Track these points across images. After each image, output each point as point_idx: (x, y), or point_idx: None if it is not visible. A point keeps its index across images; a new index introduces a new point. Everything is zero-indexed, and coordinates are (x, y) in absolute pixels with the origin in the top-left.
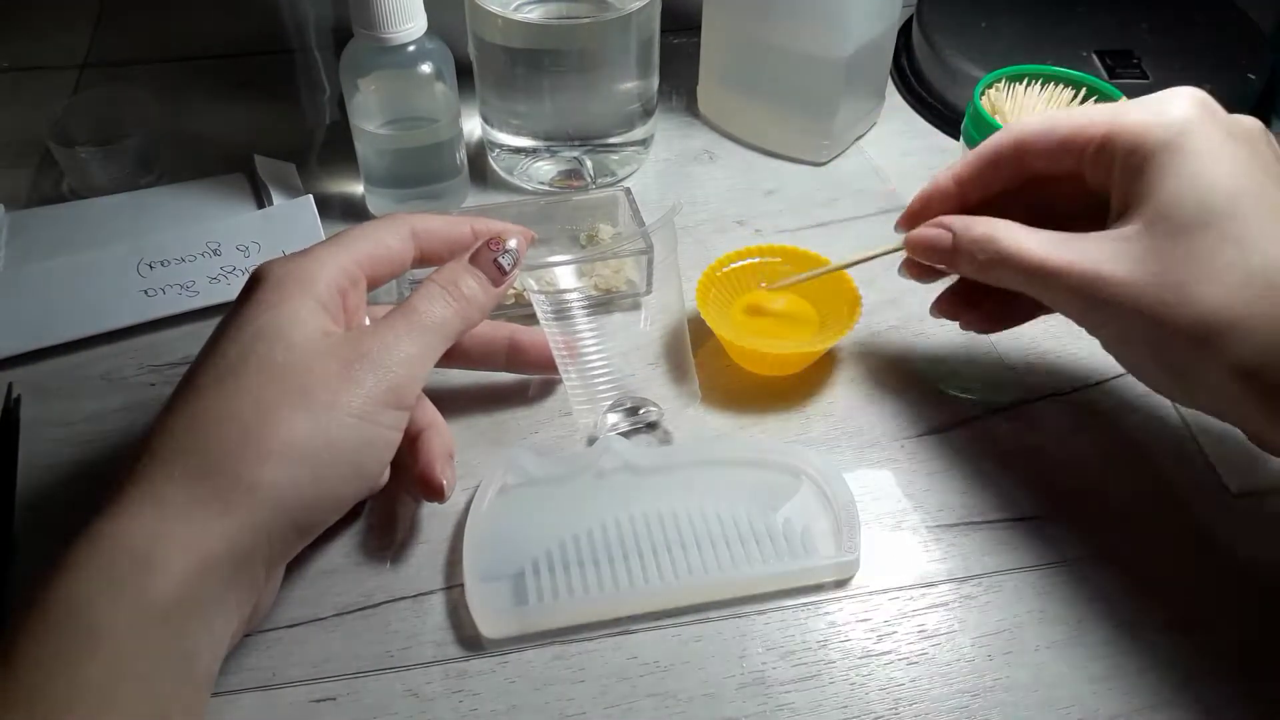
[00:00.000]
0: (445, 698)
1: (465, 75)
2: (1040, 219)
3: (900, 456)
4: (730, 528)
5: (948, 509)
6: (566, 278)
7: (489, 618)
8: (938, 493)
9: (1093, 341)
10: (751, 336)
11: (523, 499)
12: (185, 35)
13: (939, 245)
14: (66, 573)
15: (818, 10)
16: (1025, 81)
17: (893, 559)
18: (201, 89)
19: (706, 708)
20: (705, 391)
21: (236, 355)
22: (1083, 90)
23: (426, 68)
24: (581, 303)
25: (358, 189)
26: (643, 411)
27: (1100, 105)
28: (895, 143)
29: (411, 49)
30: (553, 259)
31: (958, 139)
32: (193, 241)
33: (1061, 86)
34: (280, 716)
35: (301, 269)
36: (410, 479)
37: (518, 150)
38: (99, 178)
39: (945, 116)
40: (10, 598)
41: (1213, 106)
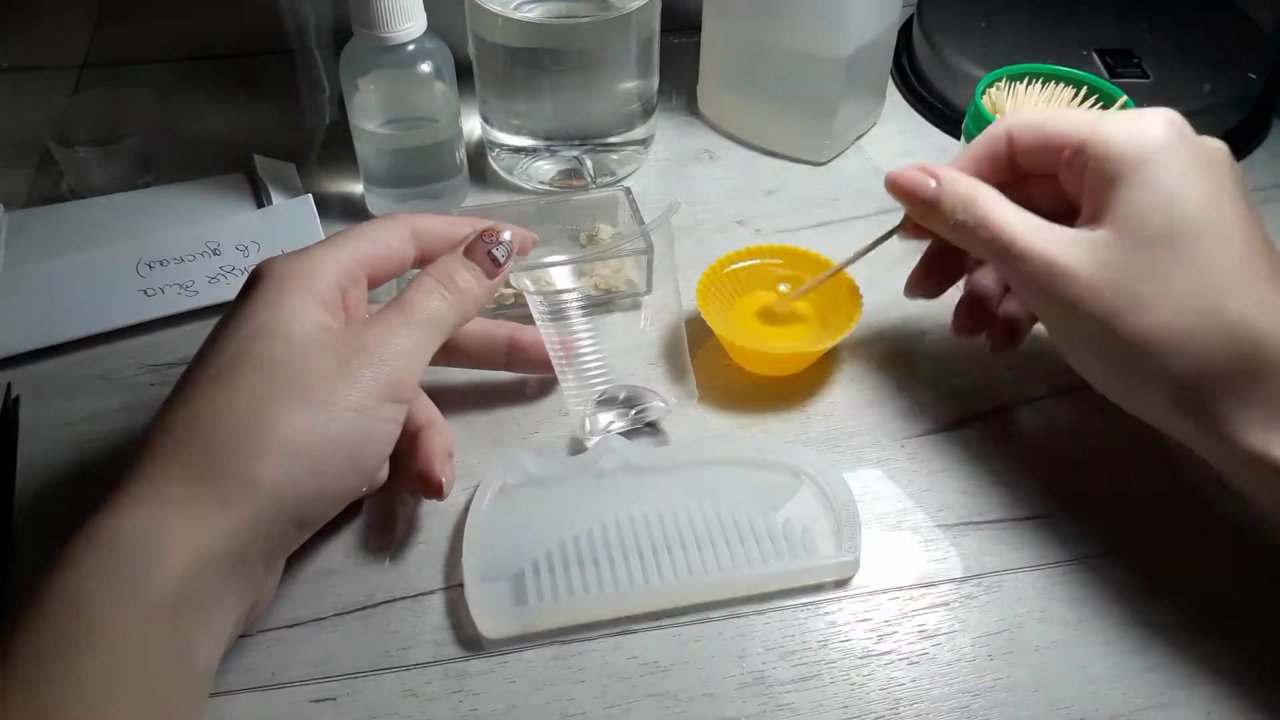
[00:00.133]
0: (445, 698)
1: (465, 75)
2: None
3: (900, 456)
4: (730, 528)
5: (948, 509)
6: (566, 278)
7: (489, 618)
8: (938, 493)
9: None
10: (751, 336)
11: (523, 499)
12: (185, 35)
13: (921, 190)
14: (65, 569)
15: (818, 10)
16: (1026, 81)
17: (893, 559)
18: (201, 89)
19: (706, 708)
20: (705, 391)
21: (235, 352)
22: (1084, 89)
23: (426, 67)
24: (579, 303)
25: (357, 189)
26: (641, 410)
27: (1086, 112)
28: (896, 142)
29: (411, 48)
30: (551, 259)
31: (958, 138)
32: (192, 241)
33: (1062, 85)
34: (279, 716)
35: (302, 266)
36: (409, 477)
37: (518, 150)
38: (99, 178)
39: (946, 116)
40: (9, 597)
41: (1185, 129)
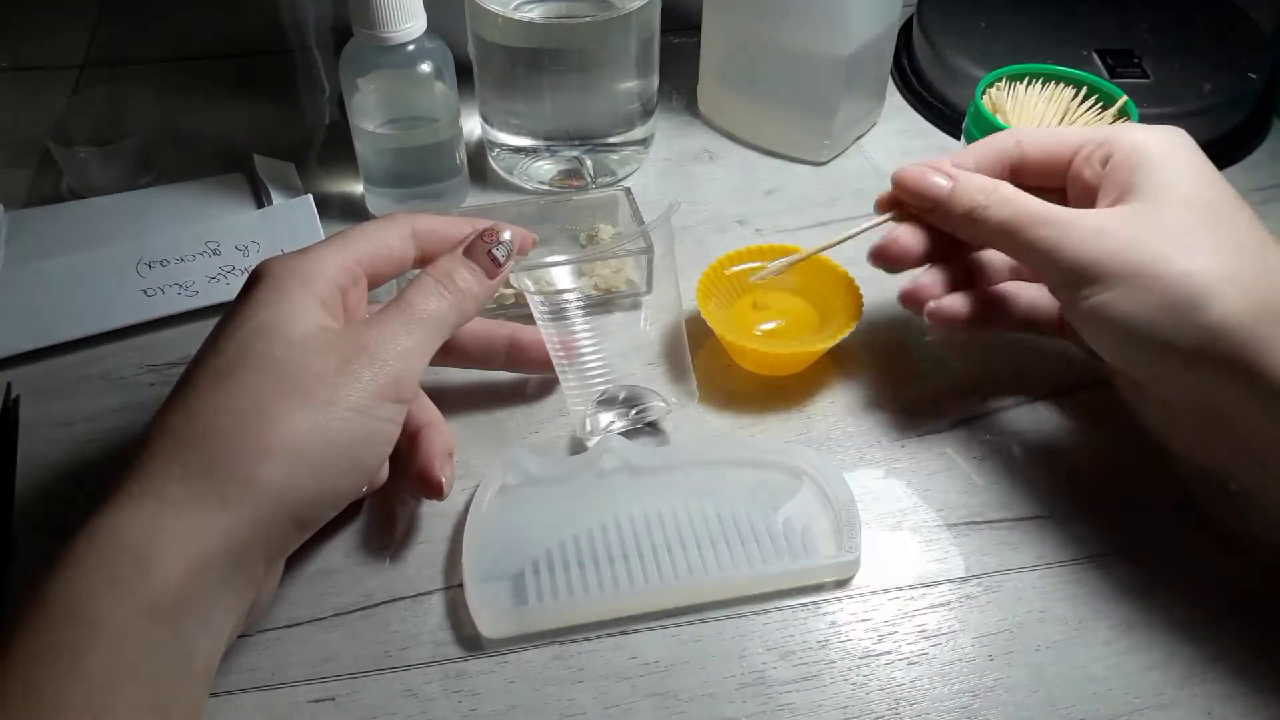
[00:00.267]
0: (445, 698)
1: (465, 75)
2: None
3: (900, 456)
4: (730, 528)
5: (948, 509)
6: (566, 278)
7: (489, 618)
8: (938, 493)
9: None
10: (752, 336)
11: (523, 499)
12: (185, 35)
13: (931, 188)
14: (65, 569)
15: (818, 10)
16: (1026, 81)
17: (893, 559)
18: (201, 89)
19: (706, 708)
20: (705, 391)
21: (235, 352)
22: (1083, 89)
23: (426, 67)
24: (579, 303)
25: (357, 189)
26: (641, 410)
27: (1100, 128)
28: (896, 142)
29: (411, 48)
30: (551, 259)
31: (959, 138)
32: (192, 241)
33: (1062, 85)
34: (279, 716)
35: (302, 266)
36: (409, 477)
37: (518, 150)
38: (98, 178)
39: (946, 116)
40: (9, 597)
41: (1194, 144)
